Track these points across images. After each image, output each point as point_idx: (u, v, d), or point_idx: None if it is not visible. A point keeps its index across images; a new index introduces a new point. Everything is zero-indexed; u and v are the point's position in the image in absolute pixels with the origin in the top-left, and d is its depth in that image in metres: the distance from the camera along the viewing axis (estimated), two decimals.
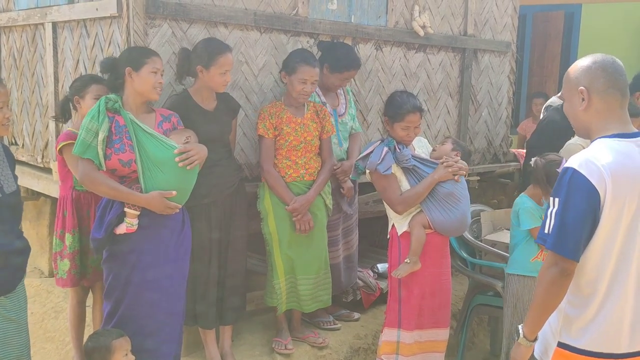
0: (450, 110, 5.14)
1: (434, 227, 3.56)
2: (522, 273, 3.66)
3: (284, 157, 3.73)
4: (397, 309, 3.61)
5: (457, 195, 3.59)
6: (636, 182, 2.09)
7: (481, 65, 5.31)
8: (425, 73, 4.91)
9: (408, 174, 3.56)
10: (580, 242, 2.12)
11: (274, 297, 3.78)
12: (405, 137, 3.57)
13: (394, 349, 3.62)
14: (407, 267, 3.51)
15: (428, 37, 4.78)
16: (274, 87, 4.01)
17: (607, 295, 2.16)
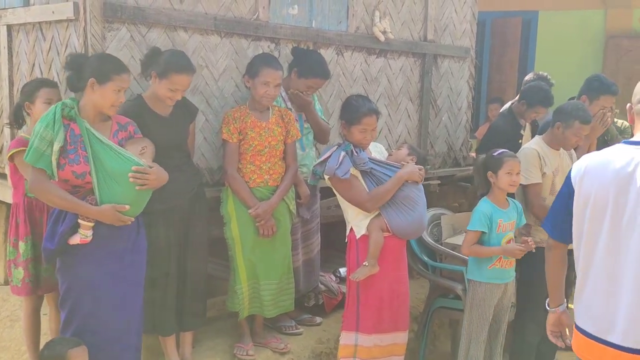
0: (410, 115, 5.19)
1: (391, 230, 3.59)
2: (480, 280, 3.71)
3: (248, 162, 3.72)
4: (355, 312, 3.64)
5: (414, 198, 3.63)
6: (601, 180, 2.36)
7: (441, 71, 5.38)
8: (386, 78, 4.94)
9: (366, 177, 3.59)
10: (559, 225, 2.58)
11: (236, 302, 3.75)
12: (362, 140, 3.59)
13: (352, 353, 3.64)
14: (365, 270, 3.54)
15: (389, 43, 4.82)
16: (234, 91, 3.99)
17: (583, 275, 2.47)
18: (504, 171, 3.67)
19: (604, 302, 2.38)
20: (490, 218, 3.64)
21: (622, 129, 5.78)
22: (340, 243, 5.15)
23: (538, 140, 4.05)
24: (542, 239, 3.90)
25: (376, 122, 3.62)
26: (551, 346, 4.24)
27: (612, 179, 2.34)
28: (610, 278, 2.37)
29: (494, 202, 3.70)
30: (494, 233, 3.65)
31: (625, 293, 2.33)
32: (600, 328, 2.39)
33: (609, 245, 2.36)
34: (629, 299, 2.32)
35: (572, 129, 3.87)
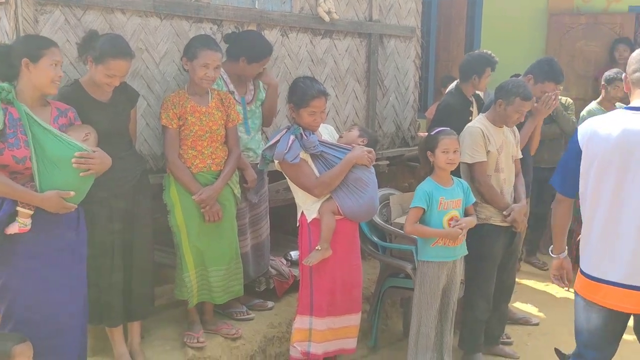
0: (358, 96, 5.17)
1: (343, 213, 3.58)
2: (425, 259, 3.74)
3: (189, 147, 3.64)
4: (309, 296, 3.62)
5: (365, 180, 3.63)
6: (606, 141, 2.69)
7: (387, 51, 5.36)
8: (332, 59, 4.90)
9: (316, 161, 3.56)
10: (567, 181, 2.92)
11: (184, 290, 3.69)
12: (312, 123, 3.55)
13: (307, 336, 3.64)
14: (318, 254, 3.52)
15: (334, 23, 4.77)
16: (177, 75, 3.89)
17: (589, 225, 2.83)
18: (440, 150, 3.70)
19: (608, 248, 2.73)
20: (430, 196, 3.66)
21: (566, 105, 5.91)
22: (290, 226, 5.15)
23: (481, 118, 4.08)
24: (488, 216, 3.97)
25: (325, 104, 3.59)
26: (500, 321, 4.35)
27: (617, 140, 2.66)
28: (615, 228, 2.71)
29: (436, 181, 3.72)
30: (434, 211, 3.68)
31: (628, 240, 2.68)
32: (605, 271, 2.75)
33: (614, 199, 2.70)
34: (632, 244, 2.68)
35: (513, 106, 3.91)
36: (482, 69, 4.79)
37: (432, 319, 3.78)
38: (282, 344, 4.00)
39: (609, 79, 5.80)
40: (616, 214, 2.71)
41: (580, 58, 7.54)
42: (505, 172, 4.03)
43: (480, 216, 3.98)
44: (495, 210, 3.99)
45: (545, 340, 4.59)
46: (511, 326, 4.74)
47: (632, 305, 2.75)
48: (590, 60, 7.49)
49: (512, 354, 4.33)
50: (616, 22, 7.39)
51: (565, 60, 7.56)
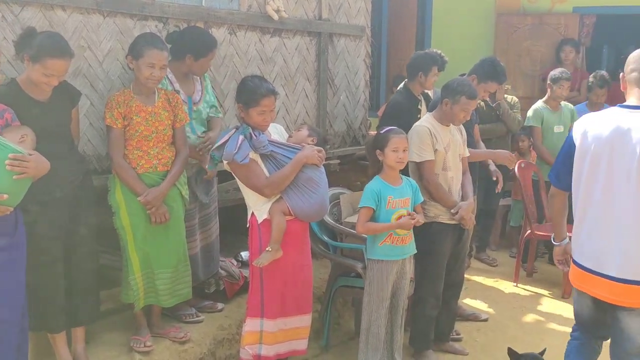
0: (308, 95, 5.15)
1: (294, 214, 3.55)
2: (374, 257, 3.74)
3: (134, 148, 3.56)
4: (260, 298, 3.59)
5: (316, 180, 3.61)
6: (599, 137, 2.80)
7: (337, 50, 5.36)
8: (282, 57, 4.87)
9: (266, 161, 3.52)
10: (562, 176, 3.05)
11: (130, 293, 3.61)
12: (261, 123, 3.52)
13: (258, 339, 3.60)
14: (269, 255, 3.49)
15: (283, 22, 4.74)
16: (121, 74, 3.81)
17: (581, 218, 2.94)
18: (389, 148, 3.70)
19: (600, 240, 2.85)
20: (378, 195, 3.66)
21: (512, 103, 6.02)
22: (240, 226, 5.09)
23: (429, 117, 4.11)
24: (436, 214, 4.01)
25: (274, 103, 3.56)
26: (449, 318, 4.39)
27: (609, 136, 2.78)
28: (606, 220, 2.83)
29: (385, 180, 3.72)
30: (383, 209, 3.68)
31: (620, 232, 2.79)
32: (597, 262, 2.87)
33: (605, 192, 2.81)
34: (624, 237, 2.78)
35: (459, 105, 3.96)
36: (429, 67, 4.84)
37: (382, 318, 3.78)
38: (232, 346, 3.95)
39: (554, 78, 5.93)
40: (607, 209, 2.83)
41: (527, 57, 7.69)
42: (453, 171, 4.07)
43: (429, 214, 4.01)
44: (444, 208, 4.02)
45: (494, 335, 4.66)
46: (461, 322, 4.79)
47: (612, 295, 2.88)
48: (536, 59, 7.64)
49: (461, 350, 4.38)
50: (561, 23, 7.56)
51: (512, 59, 7.70)
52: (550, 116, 5.99)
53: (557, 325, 4.86)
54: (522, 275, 5.87)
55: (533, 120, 6.01)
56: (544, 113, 6.00)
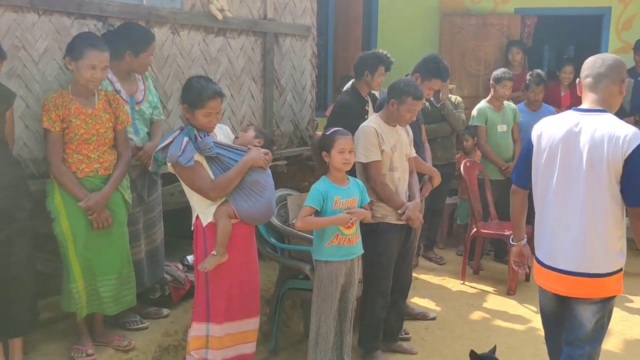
0: (254, 95, 5.09)
1: (240, 217, 3.50)
2: (321, 258, 3.71)
3: (74, 152, 3.45)
4: (205, 302, 3.52)
5: (262, 183, 3.57)
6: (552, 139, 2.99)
7: (283, 50, 5.31)
8: (227, 58, 4.79)
9: (212, 163, 3.46)
10: (521, 174, 3.21)
11: (71, 302, 3.49)
12: (207, 124, 3.45)
13: (204, 344, 3.54)
14: (214, 259, 3.43)
15: (227, 21, 4.67)
16: (59, 74, 3.67)
17: (539, 215, 3.11)
18: (335, 150, 3.66)
19: (555, 236, 3.01)
20: (325, 195, 3.64)
21: (455, 103, 6.08)
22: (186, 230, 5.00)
23: (375, 117, 4.11)
24: (384, 215, 4.01)
25: (221, 104, 3.50)
26: (398, 318, 4.41)
27: (562, 138, 2.96)
28: (560, 217, 2.99)
29: (331, 180, 3.69)
30: (329, 210, 3.65)
31: (570, 228, 2.95)
32: (552, 258, 3.03)
33: (558, 190, 2.99)
34: (574, 233, 2.94)
35: (405, 105, 3.97)
36: (375, 67, 4.85)
37: (331, 319, 3.76)
38: (179, 352, 3.87)
39: (497, 78, 6.03)
40: (560, 206, 3.00)
41: (472, 57, 7.81)
42: (400, 171, 4.08)
43: (376, 215, 4.01)
44: (391, 209, 4.03)
45: (442, 334, 4.71)
46: (409, 321, 4.82)
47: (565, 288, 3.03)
48: (480, 59, 7.77)
49: (410, 349, 4.40)
50: (503, 23, 7.71)
51: (457, 59, 7.82)
52: (494, 115, 6.09)
53: (502, 322, 4.94)
54: (468, 273, 5.95)
55: (477, 120, 6.10)
56: (488, 112, 6.09)
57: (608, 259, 2.95)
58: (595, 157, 2.87)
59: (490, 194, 6.02)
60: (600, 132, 2.87)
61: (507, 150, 6.14)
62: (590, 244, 2.94)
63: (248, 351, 3.72)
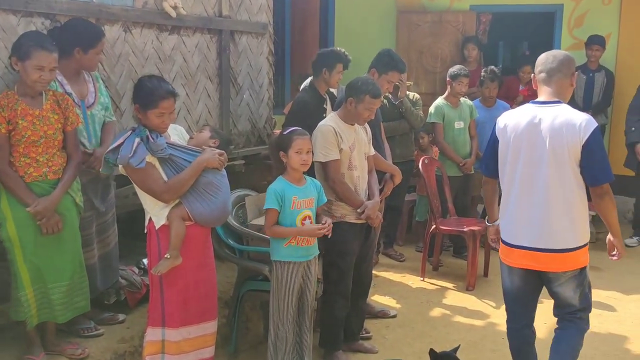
0: (210, 94, 5.00)
1: (193, 219, 3.42)
2: (279, 259, 3.67)
3: (21, 155, 3.32)
4: (160, 306, 3.44)
5: (216, 184, 3.50)
6: (517, 129, 3.26)
7: (239, 47, 5.24)
8: (181, 56, 4.70)
9: (164, 164, 3.37)
10: (490, 165, 3.47)
11: (20, 310, 3.37)
12: (160, 125, 3.36)
13: (159, 349, 3.46)
14: (168, 262, 3.35)
15: (181, 19, 4.57)
16: (4, 74, 3.53)
17: (505, 200, 3.39)
18: (293, 150, 3.62)
19: (522, 218, 3.30)
20: (282, 195, 3.59)
21: (413, 100, 6.09)
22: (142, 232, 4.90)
23: (333, 116, 4.08)
24: (343, 214, 3.98)
25: (174, 105, 3.41)
26: (358, 317, 4.39)
27: (524, 129, 3.23)
28: (526, 200, 3.27)
29: (288, 180, 3.65)
30: (287, 210, 3.61)
31: (536, 209, 3.24)
32: (519, 237, 3.32)
33: (524, 177, 3.26)
34: (540, 213, 3.23)
35: (363, 104, 3.94)
36: (332, 64, 4.82)
37: (290, 321, 3.71)
38: (135, 358, 3.77)
39: (453, 75, 6.06)
40: (526, 191, 3.27)
41: (429, 54, 7.85)
42: (359, 170, 4.05)
43: (335, 214, 3.98)
44: (350, 208, 4.00)
45: (403, 332, 4.70)
46: (370, 320, 4.80)
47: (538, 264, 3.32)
48: (437, 56, 7.81)
49: (371, 348, 4.38)
50: (459, 20, 7.77)
51: (414, 56, 7.85)
52: (451, 112, 6.12)
53: (462, 318, 4.97)
54: (428, 270, 5.97)
55: (435, 117, 6.12)
56: (445, 109, 6.12)
57: (574, 235, 3.27)
58: (557, 143, 3.16)
59: (449, 190, 6.05)
60: (559, 120, 3.17)
61: (464, 147, 6.18)
62: (561, 222, 3.24)
63: (207, 355, 3.65)
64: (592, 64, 7.21)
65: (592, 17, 7.51)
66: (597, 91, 7.21)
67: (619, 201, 7.40)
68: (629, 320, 4.91)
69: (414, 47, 7.84)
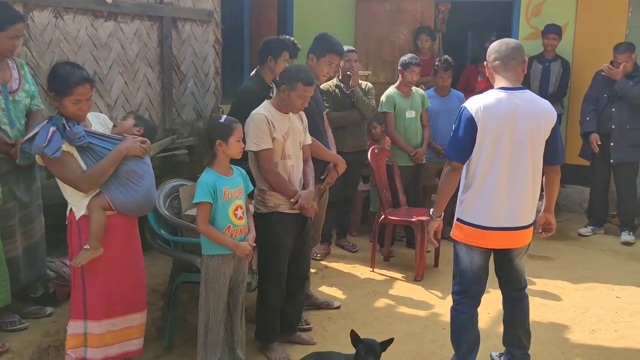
0: (151, 82, 4.91)
1: (115, 208, 3.35)
2: (211, 252, 3.59)
3: None
4: (82, 299, 3.38)
5: (139, 172, 3.42)
6: (498, 116, 3.33)
7: (183, 35, 5.14)
8: (119, 43, 4.59)
9: (84, 153, 3.29)
10: (464, 150, 3.40)
11: None
12: (77, 112, 3.28)
13: (81, 342, 3.39)
14: (88, 253, 3.28)
15: (118, 5, 4.47)
16: None
17: (480, 185, 3.41)
18: (234, 138, 3.56)
19: (499, 200, 3.41)
20: (214, 187, 3.52)
21: (366, 90, 6.03)
22: None
23: (267, 104, 4.00)
24: (276, 204, 3.92)
25: (90, 91, 3.33)
26: (296, 309, 4.33)
27: (505, 115, 3.32)
28: (505, 184, 3.39)
29: (217, 171, 3.57)
30: (219, 202, 3.54)
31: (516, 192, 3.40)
32: (498, 218, 3.43)
33: (504, 161, 3.35)
34: (518, 195, 3.41)
35: (296, 92, 3.88)
36: (279, 52, 4.74)
37: (221, 314, 3.65)
38: (60, 352, 3.66)
39: (404, 64, 6.00)
40: (505, 175, 3.39)
41: (387, 44, 7.77)
42: (293, 159, 3.99)
43: (269, 204, 3.92)
44: (284, 197, 3.94)
45: (345, 323, 4.65)
46: (313, 311, 4.76)
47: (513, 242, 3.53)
48: (396, 46, 7.73)
49: (309, 340, 4.32)
50: (417, 10, 7.69)
51: (373, 46, 7.78)
52: (402, 102, 6.06)
53: (406, 308, 4.93)
54: (379, 260, 5.92)
55: (386, 106, 6.06)
56: (396, 99, 6.05)
57: (534, 210, 3.56)
58: (534, 128, 3.36)
59: (400, 180, 6.00)
60: (534, 106, 3.39)
61: (415, 137, 6.13)
62: (531, 200, 3.49)
63: (133, 348, 3.59)
64: (549, 53, 7.18)
65: (550, 6, 7.48)
66: (553, 80, 7.19)
67: (575, 191, 7.63)
68: (572, 310, 4.90)
69: (372, 36, 7.76)
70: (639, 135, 6.45)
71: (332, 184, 4.79)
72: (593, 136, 6.58)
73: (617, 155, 6.49)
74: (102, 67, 4.46)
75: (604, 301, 5.04)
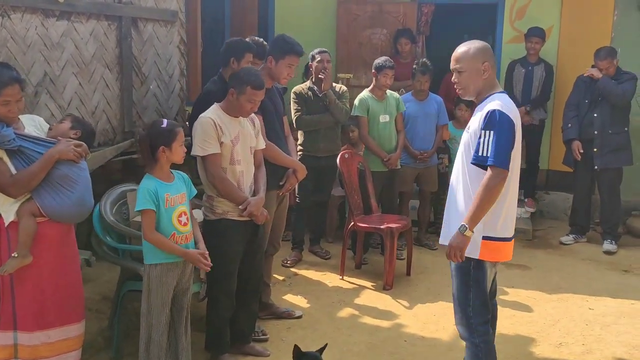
0: (109, 84, 4.76)
1: (46, 215, 3.22)
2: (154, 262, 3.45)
3: None
4: (11, 309, 3.26)
5: (73, 177, 3.29)
6: (517, 121, 3.18)
7: (144, 36, 5.00)
8: (73, 43, 4.45)
9: (14, 157, 3.17)
10: (510, 156, 3.10)
11: None
12: (7, 114, 3.16)
13: (11, 354, 3.27)
14: (15, 261, 3.16)
15: (71, 4, 4.33)
16: None
17: (505, 194, 3.15)
18: (178, 143, 3.43)
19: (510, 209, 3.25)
20: (156, 194, 3.38)
21: (340, 93, 5.89)
22: None
23: (215, 108, 3.85)
24: (225, 210, 3.79)
25: (20, 92, 3.20)
26: (249, 319, 4.18)
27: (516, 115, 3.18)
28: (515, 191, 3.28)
29: (158, 177, 3.43)
30: (162, 209, 3.40)
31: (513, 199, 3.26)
32: (511, 228, 3.27)
33: (516, 168, 3.23)
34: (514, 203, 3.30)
35: (245, 95, 3.73)
36: (241, 54, 4.58)
37: (164, 325, 3.50)
38: None
39: (378, 67, 5.85)
40: (516, 182, 3.28)
41: (368, 46, 7.64)
42: (243, 164, 3.84)
43: (217, 211, 3.78)
44: (233, 204, 3.79)
45: (304, 333, 4.50)
46: (273, 321, 4.61)
47: None
48: (377, 48, 7.60)
49: (262, 351, 4.15)
50: (400, 12, 7.56)
51: (354, 47, 7.66)
52: (376, 105, 5.90)
53: (369, 319, 4.76)
54: (350, 268, 5.77)
55: (359, 110, 5.90)
56: (370, 102, 5.89)
57: None
58: None
59: (372, 186, 5.84)
60: None
61: (389, 141, 5.96)
62: None
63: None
64: (532, 57, 7.01)
65: (534, 9, 7.33)
66: (536, 85, 7.01)
67: (559, 198, 7.45)
68: (541, 321, 4.72)
69: (353, 38, 7.63)
70: (621, 139, 6.28)
71: (290, 190, 4.64)
72: (575, 144, 6.40)
73: (601, 160, 6.32)
74: (54, 67, 4.33)
75: (576, 313, 4.86)
